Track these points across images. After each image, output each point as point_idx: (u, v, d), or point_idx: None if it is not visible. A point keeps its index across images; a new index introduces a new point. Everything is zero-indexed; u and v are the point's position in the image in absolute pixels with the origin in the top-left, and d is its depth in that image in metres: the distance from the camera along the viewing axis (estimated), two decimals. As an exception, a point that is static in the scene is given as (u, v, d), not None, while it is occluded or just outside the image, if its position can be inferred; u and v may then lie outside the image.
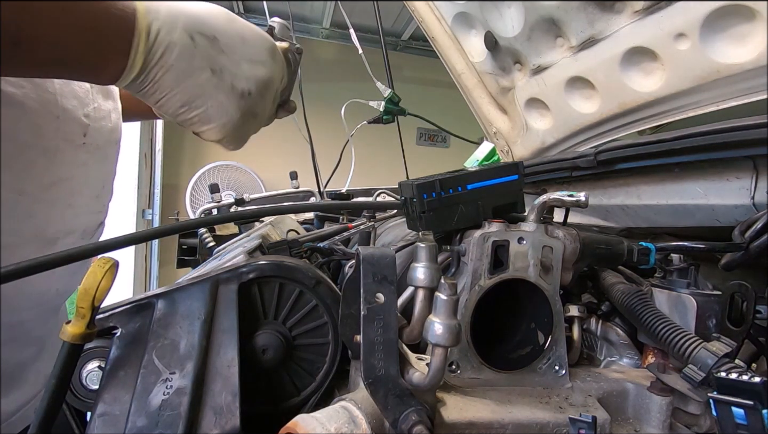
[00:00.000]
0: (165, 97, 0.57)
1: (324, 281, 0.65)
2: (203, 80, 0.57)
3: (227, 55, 0.59)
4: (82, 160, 0.74)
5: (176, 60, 0.54)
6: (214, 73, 0.58)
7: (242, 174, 4.79)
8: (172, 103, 0.57)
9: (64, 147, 0.70)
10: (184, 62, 0.55)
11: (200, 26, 0.56)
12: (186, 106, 0.58)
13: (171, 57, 0.54)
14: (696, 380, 0.54)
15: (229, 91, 0.59)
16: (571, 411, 0.57)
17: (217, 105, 0.59)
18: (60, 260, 0.47)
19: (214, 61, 0.57)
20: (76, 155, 0.72)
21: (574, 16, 1.14)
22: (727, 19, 0.91)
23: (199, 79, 0.57)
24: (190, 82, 0.56)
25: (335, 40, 5.20)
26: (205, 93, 0.58)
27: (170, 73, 0.55)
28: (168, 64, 0.54)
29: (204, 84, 0.57)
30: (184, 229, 0.78)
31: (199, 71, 0.56)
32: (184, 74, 0.55)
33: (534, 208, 0.66)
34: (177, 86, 0.56)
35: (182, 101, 0.57)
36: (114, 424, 0.49)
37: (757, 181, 0.79)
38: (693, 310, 0.64)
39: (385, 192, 1.70)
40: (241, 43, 0.60)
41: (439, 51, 1.62)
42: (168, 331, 0.55)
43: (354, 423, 0.48)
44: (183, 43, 0.54)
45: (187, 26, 0.55)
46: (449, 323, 0.46)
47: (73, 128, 0.71)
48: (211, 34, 0.57)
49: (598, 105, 1.25)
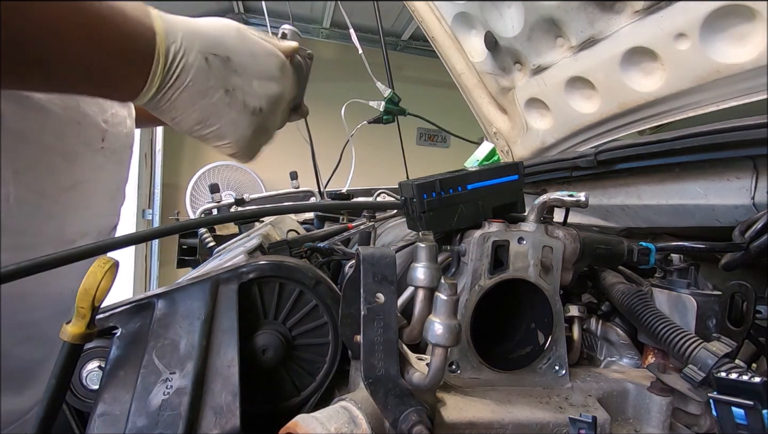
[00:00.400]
0: (180, 116, 0.59)
1: (324, 281, 0.65)
2: (217, 99, 0.59)
3: (239, 75, 0.61)
4: (99, 163, 0.76)
5: (192, 81, 0.56)
6: (227, 93, 0.60)
7: (242, 174, 4.79)
8: (187, 122, 0.60)
9: (84, 151, 0.72)
10: (199, 83, 0.57)
11: (214, 47, 0.58)
12: (200, 124, 0.60)
13: (187, 78, 0.56)
14: (696, 380, 0.54)
15: (241, 109, 0.61)
16: (571, 411, 0.57)
17: (230, 122, 0.61)
18: (60, 260, 0.47)
19: (227, 80, 0.60)
20: (94, 159, 0.75)
21: (574, 16, 1.13)
22: (727, 19, 0.91)
23: (213, 98, 0.59)
24: (205, 102, 0.58)
25: (335, 40, 5.20)
26: (218, 112, 0.60)
27: (185, 93, 0.57)
28: (184, 84, 0.56)
29: (217, 103, 0.59)
30: (184, 229, 0.78)
31: (213, 91, 0.58)
32: (198, 94, 0.58)
33: (534, 208, 0.66)
34: (192, 105, 0.58)
35: (197, 120, 0.60)
36: (114, 424, 0.49)
37: (757, 181, 0.79)
38: (693, 310, 0.64)
39: (385, 192, 1.71)
40: (253, 62, 0.62)
41: (439, 51, 1.62)
42: (168, 331, 0.55)
43: (354, 423, 0.48)
44: (198, 64, 0.56)
45: (203, 48, 0.57)
46: (449, 323, 0.46)
47: (93, 133, 0.73)
48: (225, 54, 0.59)
49: (598, 105, 1.25)
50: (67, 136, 0.68)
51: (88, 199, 0.75)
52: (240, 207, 2.05)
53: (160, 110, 0.58)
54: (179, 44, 0.55)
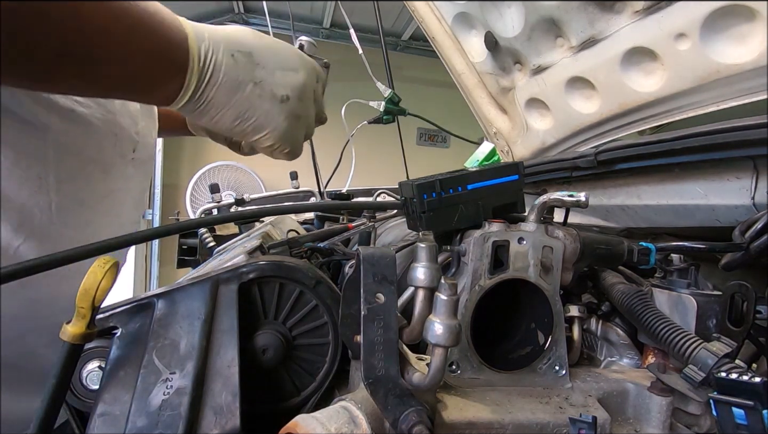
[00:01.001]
0: (219, 114, 0.62)
1: (324, 281, 0.65)
2: (249, 92, 0.62)
3: (263, 67, 0.64)
4: (130, 173, 0.80)
5: (224, 77, 0.60)
6: (256, 85, 0.63)
7: (242, 174, 4.79)
8: (226, 118, 0.63)
9: (118, 162, 0.76)
10: (231, 78, 0.60)
11: (237, 45, 0.62)
12: (239, 119, 0.63)
13: (220, 75, 0.59)
14: (696, 380, 0.54)
15: (271, 99, 0.65)
16: (571, 412, 0.57)
17: (264, 113, 0.65)
18: (60, 260, 0.47)
19: (253, 74, 0.63)
20: (126, 169, 0.79)
21: (575, 16, 1.13)
22: (727, 19, 0.91)
23: (245, 92, 0.62)
24: (239, 96, 0.62)
25: (335, 40, 5.20)
26: (252, 104, 0.63)
27: (221, 90, 0.60)
28: (218, 81, 0.59)
29: (250, 96, 0.63)
30: (184, 229, 0.79)
31: (244, 84, 0.62)
32: (232, 89, 0.61)
33: (534, 208, 0.66)
34: (228, 101, 0.61)
35: (234, 115, 0.63)
36: (114, 424, 0.49)
37: (757, 181, 0.79)
38: (693, 310, 0.64)
39: (386, 192, 1.70)
40: (273, 55, 0.66)
41: (439, 51, 1.62)
42: (168, 331, 0.55)
43: (354, 423, 0.48)
44: (227, 61, 0.60)
45: (227, 46, 0.60)
46: (449, 323, 0.46)
47: (126, 144, 0.77)
48: (247, 50, 0.63)
49: (599, 105, 1.25)
50: (105, 147, 0.73)
51: (119, 208, 0.79)
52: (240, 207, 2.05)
53: (198, 112, 0.61)
54: (208, 44, 0.58)
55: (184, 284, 0.60)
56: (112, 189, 0.76)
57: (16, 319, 0.65)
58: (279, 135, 0.67)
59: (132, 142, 0.78)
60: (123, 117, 0.75)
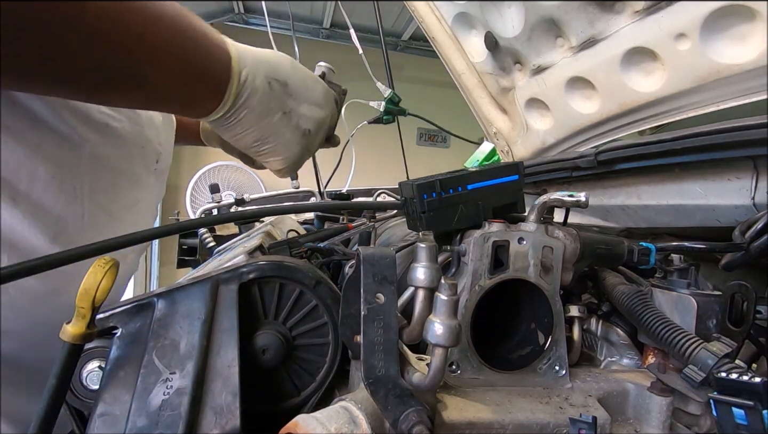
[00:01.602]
0: (243, 133, 0.65)
1: (324, 281, 0.65)
2: (276, 120, 0.65)
3: (294, 99, 0.67)
4: (151, 183, 0.83)
5: (258, 102, 0.62)
6: (285, 115, 0.66)
7: (242, 174, 4.79)
8: (248, 139, 0.65)
9: (142, 173, 0.78)
10: (264, 104, 0.63)
11: (275, 73, 0.64)
12: (259, 142, 0.66)
13: (254, 100, 0.62)
14: (696, 380, 0.54)
15: (294, 130, 0.68)
16: (571, 412, 0.57)
17: (285, 142, 0.68)
18: (60, 260, 0.48)
19: (285, 104, 0.66)
20: (149, 179, 0.81)
21: (575, 16, 1.13)
22: (727, 19, 0.91)
23: (273, 119, 0.65)
24: (266, 121, 0.64)
25: (335, 40, 5.19)
26: (277, 131, 0.66)
27: (252, 114, 0.63)
28: (251, 105, 0.62)
29: (276, 123, 0.65)
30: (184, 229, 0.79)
31: (274, 112, 0.64)
32: (262, 114, 0.64)
33: (534, 208, 0.66)
34: (255, 124, 0.64)
35: (256, 137, 0.66)
36: (114, 424, 0.49)
37: (757, 181, 0.79)
38: (693, 310, 0.64)
39: (386, 192, 1.71)
40: (305, 89, 0.69)
41: (440, 51, 1.62)
42: (168, 331, 0.55)
43: (354, 424, 0.48)
44: (263, 88, 0.62)
45: (267, 73, 0.63)
46: (449, 323, 0.46)
47: (151, 156, 0.80)
48: (284, 80, 0.65)
49: (599, 105, 1.25)
50: (134, 159, 0.75)
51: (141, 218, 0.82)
52: (240, 207, 2.04)
53: (225, 127, 0.64)
54: (249, 69, 0.60)
55: (184, 284, 0.60)
56: (138, 199, 0.79)
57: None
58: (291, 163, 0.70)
59: (156, 153, 0.81)
60: (149, 129, 0.77)
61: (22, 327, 0.64)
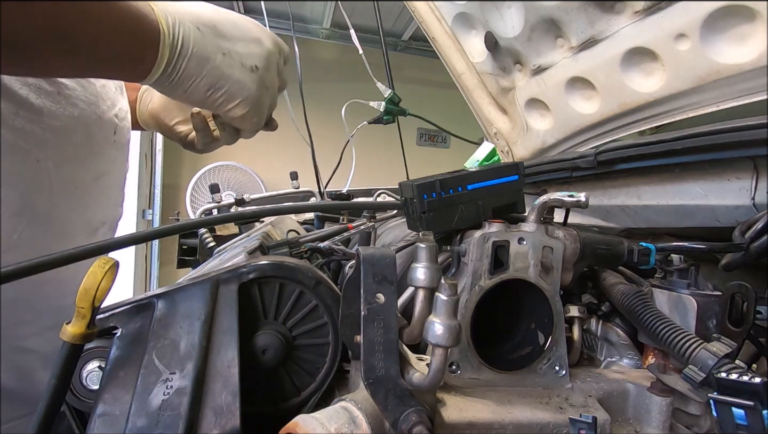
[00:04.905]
0: (192, 84, 0.64)
1: (324, 281, 0.65)
2: (219, 62, 0.65)
3: (228, 39, 0.66)
4: (113, 156, 0.83)
5: (194, 47, 0.62)
6: (225, 55, 0.65)
7: (242, 174, 4.79)
8: (199, 89, 0.65)
9: (103, 144, 0.79)
10: (200, 49, 0.63)
11: (199, 18, 0.64)
12: (212, 89, 0.66)
13: (189, 46, 0.61)
14: (696, 380, 0.54)
15: (240, 68, 0.67)
16: (571, 412, 0.57)
17: (236, 82, 0.67)
18: (60, 260, 0.48)
19: (220, 45, 0.65)
20: (110, 152, 0.81)
21: (575, 16, 1.13)
22: (727, 20, 0.91)
23: (216, 61, 0.64)
24: (210, 66, 0.64)
25: (335, 41, 5.19)
26: (224, 73, 0.65)
27: (192, 61, 0.62)
28: (188, 52, 0.62)
29: (220, 65, 0.65)
30: (184, 229, 0.79)
31: (213, 55, 0.64)
32: (203, 60, 0.63)
33: (534, 209, 0.66)
34: (200, 72, 0.64)
35: (207, 85, 0.65)
36: (114, 424, 0.49)
37: (757, 182, 0.79)
38: (693, 311, 0.64)
39: (386, 192, 1.71)
40: (235, 27, 0.68)
41: (440, 51, 1.62)
42: (168, 331, 0.55)
43: (354, 424, 0.48)
44: (194, 33, 0.62)
45: (191, 19, 0.63)
46: (449, 323, 0.46)
47: (109, 127, 0.80)
48: (210, 23, 0.65)
49: (599, 105, 1.25)
50: (93, 130, 0.75)
51: (108, 190, 0.82)
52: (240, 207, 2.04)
53: (173, 84, 0.63)
54: (174, 18, 0.61)
55: (184, 284, 0.60)
56: (102, 171, 0.79)
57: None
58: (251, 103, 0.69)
59: (112, 124, 0.81)
60: (103, 100, 0.78)
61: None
